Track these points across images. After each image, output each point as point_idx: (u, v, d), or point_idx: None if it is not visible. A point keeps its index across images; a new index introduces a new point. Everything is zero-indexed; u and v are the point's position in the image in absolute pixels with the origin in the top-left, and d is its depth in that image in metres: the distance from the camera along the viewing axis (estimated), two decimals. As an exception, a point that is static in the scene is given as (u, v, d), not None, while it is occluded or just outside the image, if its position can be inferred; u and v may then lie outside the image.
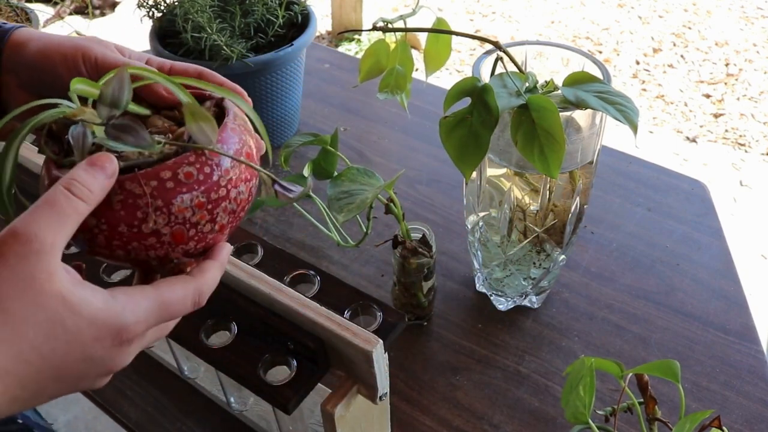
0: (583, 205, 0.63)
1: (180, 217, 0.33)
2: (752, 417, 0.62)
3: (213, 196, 0.34)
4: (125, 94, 0.34)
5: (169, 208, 0.33)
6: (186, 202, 0.33)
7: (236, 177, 0.35)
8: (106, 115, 0.34)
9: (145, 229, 0.33)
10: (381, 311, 0.50)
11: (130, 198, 0.32)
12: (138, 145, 0.34)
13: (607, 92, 0.53)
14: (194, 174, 0.34)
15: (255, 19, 0.84)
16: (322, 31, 2.92)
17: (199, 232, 0.35)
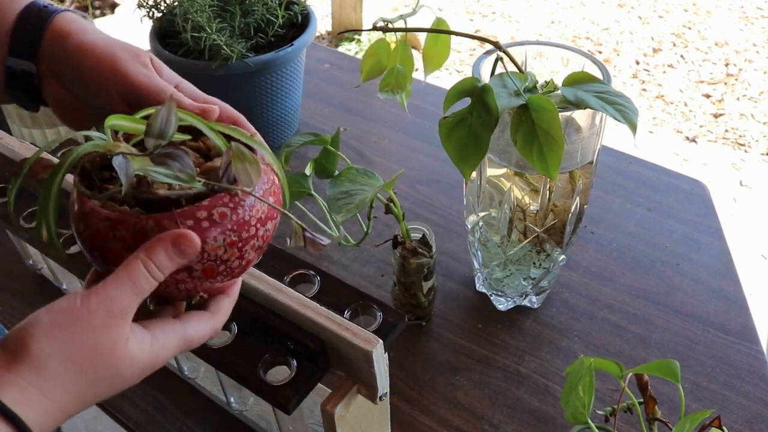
0: (583, 205, 0.63)
1: (212, 255, 0.35)
2: (752, 417, 0.62)
3: (244, 235, 0.36)
4: (172, 128, 0.35)
5: (203, 246, 0.34)
6: (219, 241, 0.35)
7: (264, 216, 0.37)
8: (153, 145, 0.34)
9: None
10: (381, 311, 0.50)
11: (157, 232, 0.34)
12: (182, 173, 0.34)
13: (606, 92, 0.53)
14: (228, 214, 0.35)
15: (255, 19, 0.84)
16: (322, 31, 2.92)
17: (228, 267, 0.36)
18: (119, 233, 0.34)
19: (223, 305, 0.41)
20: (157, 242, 0.34)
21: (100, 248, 0.35)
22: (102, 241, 0.34)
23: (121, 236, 0.34)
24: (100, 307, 0.33)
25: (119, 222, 0.34)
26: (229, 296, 0.42)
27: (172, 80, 0.44)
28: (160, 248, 0.34)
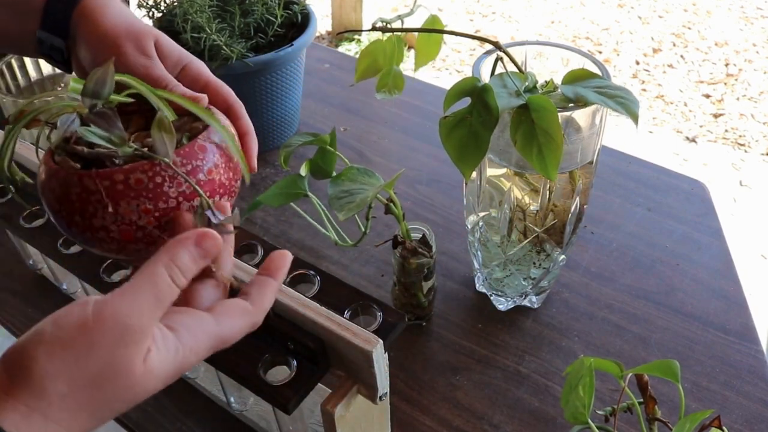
0: (583, 205, 0.63)
1: (126, 219, 0.36)
2: (752, 417, 0.62)
3: (161, 205, 0.36)
4: (106, 89, 0.36)
5: (117, 207, 0.35)
6: (132, 206, 0.35)
7: (191, 191, 0.37)
8: (88, 105, 0.36)
9: (95, 223, 0.36)
10: (381, 311, 0.50)
11: (84, 193, 0.35)
12: (111, 135, 0.36)
13: (606, 87, 0.53)
14: (144, 181, 0.36)
15: (255, 19, 0.84)
16: (322, 31, 2.92)
17: (146, 234, 0.37)
18: (52, 184, 0.36)
19: (266, 294, 0.38)
20: (179, 244, 0.33)
21: (43, 196, 0.37)
22: (43, 189, 0.37)
23: (52, 187, 0.36)
24: (115, 321, 0.30)
25: (54, 173, 0.36)
26: (275, 279, 0.38)
27: (180, 62, 0.45)
28: (183, 250, 0.33)
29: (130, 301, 0.31)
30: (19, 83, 0.83)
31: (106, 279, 0.56)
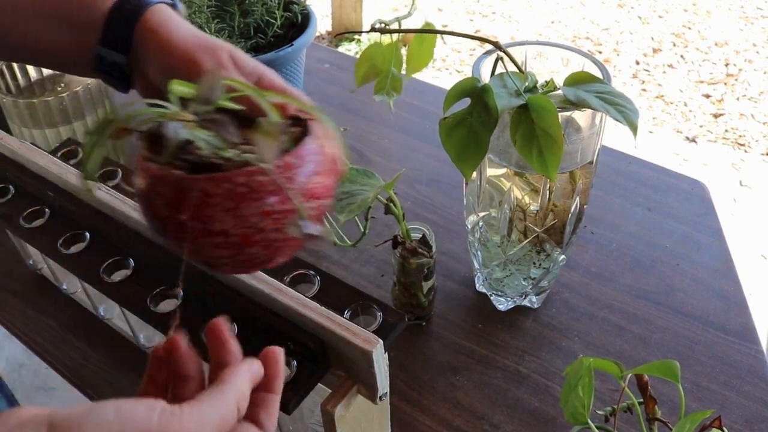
0: (583, 205, 0.63)
1: (247, 222, 0.35)
2: (752, 417, 0.62)
3: (279, 207, 0.35)
4: (216, 94, 0.37)
5: (237, 211, 0.34)
6: (253, 209, 0.34)
7: (304, 194, 0.36)
8: (199, 111, 0.36)
9: (215, 227, 0.34)
10: (381, 311, 0.50)
11: (204, 196, 0.34)
12: (222, 139, 0.35)
13: (607, 92, 0.53)
14: (264, 183, 0.34)
15: (255, 19, 0.84)
16: (322, 31, 2.92)
17: (265, 238, 0.36)
18: (161, 190, 0.35)
19: (274, 414, 0.37)
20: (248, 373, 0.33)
21: (146, 204, 0.36)
22: (148, 196, 0.36)
23: (161, 192, 0.35)
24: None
25: (163, 179, 0.34)
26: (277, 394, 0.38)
27: (254, 73, 0.44)
28: (248, 377, 0.33)
29: (196, 422, 0.30)
30: (19, 83, 0.83)
31: (106, 279, 0.56)
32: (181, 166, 0.35)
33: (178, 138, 0.34)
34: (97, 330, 0.70)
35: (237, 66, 0.44)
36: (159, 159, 0.35)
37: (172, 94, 0.36)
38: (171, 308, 0.53)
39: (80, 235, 0.60)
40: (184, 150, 0.36)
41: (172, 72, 0.42)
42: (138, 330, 0.66)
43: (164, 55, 0.43)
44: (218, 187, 0.34)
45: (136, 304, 0.54)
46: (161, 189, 0.35)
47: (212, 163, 0.35)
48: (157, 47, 0.43)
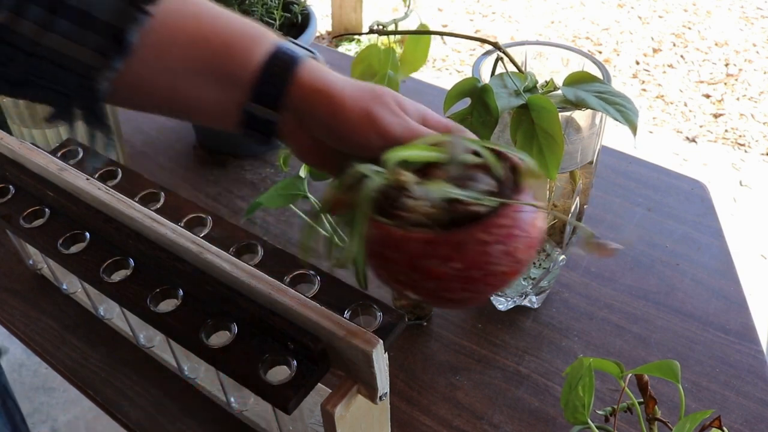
0: (583, 205, 0.63)
1: (521, 260, 0.37)
2: (752, 417, 0.62)
3: (524, 242, 0.37)
4: (465, 153, 0.39)
5: (516, 253, 0.37)
6: (522, 245, 0.37)
7: (539, 223, 0.39)
8: (454, 172, 0.39)
9: (497, 269, 0.37)
10: (381, 311, 0.50)
11: (480, 246, 0.36)
12: (482, 191, 0.38)
13: (607, 92, 0.53)
14: (527, 220, 0.37)
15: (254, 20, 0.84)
16: (322, 31, 2.92)
17: (525, 268, 0.38)
18: (439, 251, 0.36)
19: None
20: None
21: (419, 269, 0.37)
22: (421, 261, 0.36)
23: (442, 253, 0.36)
24: None
25: (435, 241, 0.36)
26: None
27: (419, 114, 0.45)
28: None
29: None
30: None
31: (106, 279, 0.56)
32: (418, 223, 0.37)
33: (437, 198, 0.37)
34: (97, 330, 0.70)
35: (403, 109, 0.44)
36: (401, 223, 0.37)
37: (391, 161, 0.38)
38: (171, 308, 0.53)
39: (80, 235, 0.60)
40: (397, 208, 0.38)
41: (346, 129, 0.42)
42: (138, 330, 0.66)
43: (335, 113, 0.42)
44: (490, 234, 0.36)
45: (136, 304, 0.54)
46: (439, 251, 0.36)
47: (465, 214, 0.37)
48: (324, 106, 0.42)
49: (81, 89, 0.40)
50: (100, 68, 0.39)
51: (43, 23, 0.38)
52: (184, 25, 0.41)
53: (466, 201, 0.36)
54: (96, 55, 0.39)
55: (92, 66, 0.39)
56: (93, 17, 0.39)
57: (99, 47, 0.39)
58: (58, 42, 0.39)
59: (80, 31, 0.39)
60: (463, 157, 0.39)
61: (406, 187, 0.38)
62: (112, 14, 0.39)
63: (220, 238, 0.58)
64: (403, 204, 0.38)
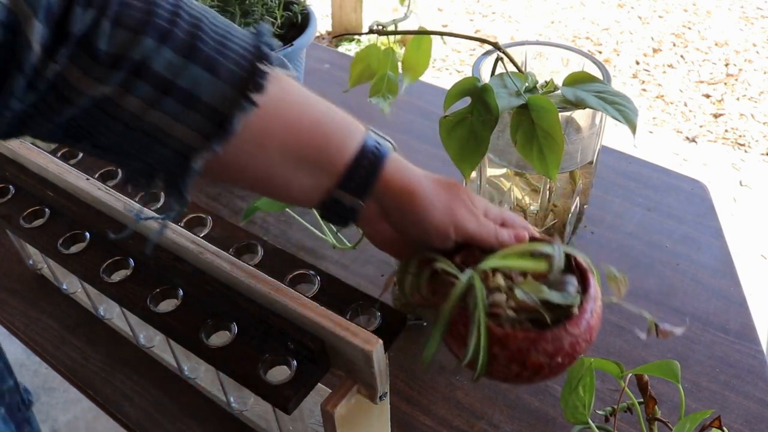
0: (583, 205, 0.63)
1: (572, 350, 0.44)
2: (752, 417, 0.62)
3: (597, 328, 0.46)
4: (563, 261, 0.46)
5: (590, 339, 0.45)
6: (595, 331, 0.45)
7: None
8: (553, 277, 0.46)
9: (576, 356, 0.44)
10: (381, 311, 0.50)
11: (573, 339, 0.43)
12: (572, 294, 0.45)
13: (606, 92, 0.53)
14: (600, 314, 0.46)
15: (255, 20, 0.84)
16: (322, 31, 2.92)
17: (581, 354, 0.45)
18: (540, 346, 0.42)
19: None
20: None
21: (521, 361, 0.43)
22: (524, 354, 0.42)
23: (543, 347, 0.42)
24: None
25: (538, 339, 0.42)
26: None
27: (497, 217, 0.49)
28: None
29: None
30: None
31: (106, 279, 0.56)
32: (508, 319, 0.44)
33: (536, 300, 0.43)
34: (97, 330, 0.70)
35: (473, 204, 0.49)
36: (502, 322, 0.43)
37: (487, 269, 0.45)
38: (171, 308, 0.53)
39: (80, 235, 0.60)
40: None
41: (427, 224, 0.46)
42: (138, 330, 0.66)
43: (419, 209, 0.46)
44: (579, 328, 0.43)
45: (136, 304, 0.54)
46: (541, 345, 0.42)
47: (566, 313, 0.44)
48: (409, 203, 0.46)
49: (173, 165, 0.41)
50: (199, 149, 0.40)
51: (151, 101, 0.38)
52: (286, 114, 0.42)
53: (558, 302, 0.44)
54: (197, 137, 0.39)
55: (191, 146, 0.40)
56: (200, 100, 0.39)
57: (201, 129, 0.39)
58: (162, 119, 0.38)
59: (185, 111, 0.39)
60: (559, 265, 0.46)
61: (500, 290, 0.45)
62: (220, 100, 0.39)
63: (220, 238, 0.58)
64: (492, 302, 0.44)
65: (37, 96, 0.36)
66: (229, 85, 0.39)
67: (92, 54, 0.36)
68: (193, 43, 0.39)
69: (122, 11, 0.37)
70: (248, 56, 0.41)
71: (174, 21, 0.38)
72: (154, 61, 0.37)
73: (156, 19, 0.38)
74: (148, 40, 0.37)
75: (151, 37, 0.37)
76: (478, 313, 0.43)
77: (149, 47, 0.37)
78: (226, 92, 0.39)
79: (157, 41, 0.37)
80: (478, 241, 0.47)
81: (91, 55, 0.36)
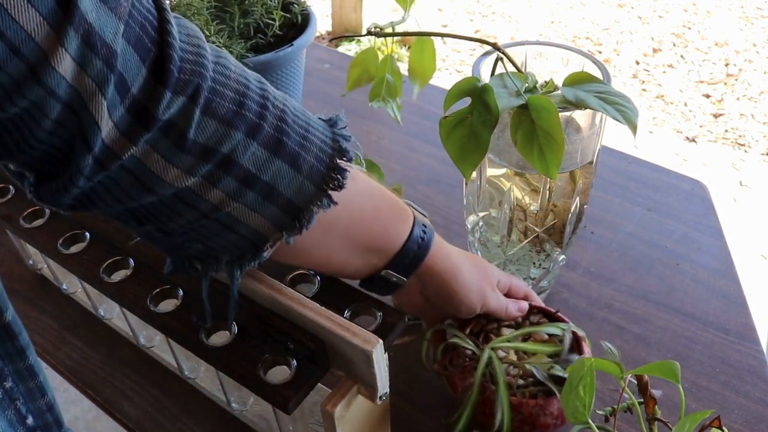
0: (583, 205, 0.63)
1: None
2: (752, 417, 0.62)
3: None
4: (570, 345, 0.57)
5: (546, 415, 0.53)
6: None
7: None
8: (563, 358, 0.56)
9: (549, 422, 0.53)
10: (381, 311, 0.50)
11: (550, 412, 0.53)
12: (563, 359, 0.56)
13: (606, 92, 0.53)
14: None
15: (254, 20, 0.84)
16: (322, 31, 2.92)
17: None
18: (547, 409, 0.52)
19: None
20: None
21: (530, 423, 0.52)
22: (533, 418, 0.52)
23: (549, 410, 0.52)
24: None
25: (545, 404, 0.52)
26: None
27: (505, 285, 0.57)
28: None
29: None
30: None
31: (106, 279, 0.56)
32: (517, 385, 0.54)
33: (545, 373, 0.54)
34: (97, 330, 0.70)
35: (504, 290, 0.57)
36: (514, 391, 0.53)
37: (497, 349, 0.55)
38: (171, 308, 0.53)
39: (80, 235, 0.60)
40: None
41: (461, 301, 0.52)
42: (138, 330, 0.66)
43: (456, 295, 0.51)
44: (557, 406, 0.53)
45: (136, 304, 0.54)
46: (548, 409, 0.52)
47: None
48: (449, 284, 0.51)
49: (241, 252, 0.41)
50: (272, 239, 0.40)
51: (234, 195, 0.37)
52: (352, 205, 0.44)
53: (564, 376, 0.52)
54: (272, 228, 0.40)
55: (264, 236, 0.40)
56: (281, 194, 0.39)
57: (277, 222, 0.39)
58: (240, 211, 0.38)
59: (265, 204, 0.38)
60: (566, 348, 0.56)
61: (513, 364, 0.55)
62: (300, 195, 0.39)
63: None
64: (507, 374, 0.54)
65: (108, 176, 0.34)
66: (310, 181, 0.39)
67: (179, 143, 0.34)
68: (280, 137, 0.38)
69: (213, 100, 0.35)
70: (328, 151, 0.41)
71: (263, 114, 0.37)
72: (242, 155, 0.36)
73: (246, 111, 0.36)
74: (238, 134, 0.36)
75: (242, 131, 0.36)
76: (500, 388, 0.51)
77: (239, 141, 0.36)
78: (307, 188, 0.39)
79: (246, 135, 0.36)
80: (492, 313, 0.55)
81: (178, 144, 0.34)
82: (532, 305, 0.61)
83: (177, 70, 0.33)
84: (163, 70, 0.32)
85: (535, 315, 0.61)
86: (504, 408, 0.51)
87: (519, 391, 0.53)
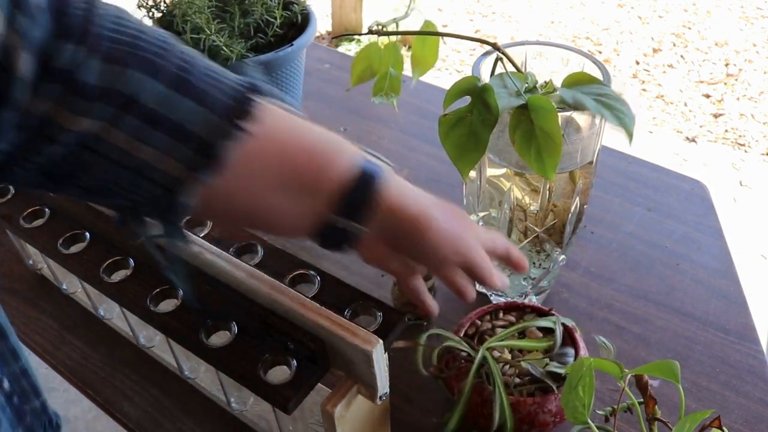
0: (583, 205, 0.63)
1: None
2: (752, 417, 0.62)
3: None
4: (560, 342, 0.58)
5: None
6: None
7: None
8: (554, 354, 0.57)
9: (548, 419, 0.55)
10: (381, 311, 0.50)
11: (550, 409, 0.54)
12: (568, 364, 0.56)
13: (605, 95, 0.53)
14: None
15: (255, 19, 0.84)
16: (322, 31, 2.92)
17: None
18: (545, 407, 0.53)
19: None
20: None
21: (529, 421, 0.53)
22: (532, 416, 0.53)
23: (547, 408, 0.53)
24: None
25: (543, 402, 0.53)
26: None
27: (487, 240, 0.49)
28: None
29: None
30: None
31: (106, 279, 0.56)
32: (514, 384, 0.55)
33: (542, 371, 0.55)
34: (97, 330, 0.70)
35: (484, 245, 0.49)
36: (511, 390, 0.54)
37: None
38: (171, 308, 0.53)
39: (80, 235, 0.60)
40: None
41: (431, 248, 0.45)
42: (138, 330, 0.66)
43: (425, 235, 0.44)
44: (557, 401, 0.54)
45: (136, 304, 0.54)
46: (546, 406, 0.53)
47: None
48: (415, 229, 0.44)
49: (161, 201, 0.39)
50: (186, 182, 0.38)
51: (140, 136, 0.36)
52: (278, 141, 0.41)
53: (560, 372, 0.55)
54: (186, 171, 0.38)
55: (178, 179, 0.38)
56: (188, 131, 0.37)
57: (188, 161, 0.38)
58: (150, 154, 0.37)
59: (174, 144, 0.37)
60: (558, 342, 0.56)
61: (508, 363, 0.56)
62: (208, 130, 0.37)
63: (220, 238, 0.58)
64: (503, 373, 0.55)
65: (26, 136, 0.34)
66: (217, 114, 0.38)
67: (78, 89, 0.34)
68: (184, 76, 0.37)
69: (112, 46, 0.35)
70: (239, 88, 0.39)
71: (161, 55, 0.37)
72: (143, 94, 0.36)
73: (142, 52, 0.36)
74: (136, 73, 0.36)
75: (140, 70, 0.36)
76: (498, 388, 0.52)
77: (138, 80, 0.36)
78: (214, 122, 0.38)
79: (146, 74, 0.36)
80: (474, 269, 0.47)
81: (77, 91, 0.34)
82: (526, 305, 0.62)
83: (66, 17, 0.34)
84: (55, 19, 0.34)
85: (529, 314, 0.61)
86: (505, 408, 0.52)
87: (516, 390, 0.54)
